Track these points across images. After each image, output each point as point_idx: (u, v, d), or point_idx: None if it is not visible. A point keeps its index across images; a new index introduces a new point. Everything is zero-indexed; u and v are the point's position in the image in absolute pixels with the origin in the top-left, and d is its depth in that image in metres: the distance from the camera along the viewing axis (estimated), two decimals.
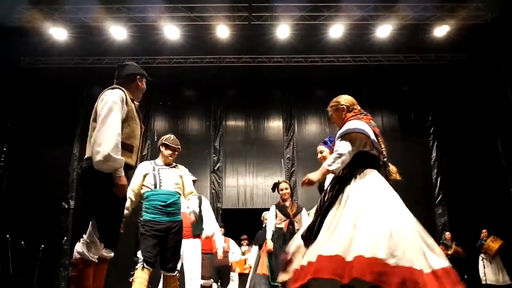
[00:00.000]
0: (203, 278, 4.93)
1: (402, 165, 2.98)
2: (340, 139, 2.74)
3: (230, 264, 7.34)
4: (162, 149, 4.06)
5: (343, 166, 2.69)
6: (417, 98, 11.48)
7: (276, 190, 5.56)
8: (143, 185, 3.96)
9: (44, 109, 11.13)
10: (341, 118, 2.95)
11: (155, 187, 3.92)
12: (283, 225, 5.14)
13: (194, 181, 4.52)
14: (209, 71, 11.20)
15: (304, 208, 5.40)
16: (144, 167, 4.02)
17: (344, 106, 2.95)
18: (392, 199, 2.65)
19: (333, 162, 2.65)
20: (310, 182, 2.66)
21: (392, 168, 2.89)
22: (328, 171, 2.66)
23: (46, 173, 10.73)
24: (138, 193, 3.95)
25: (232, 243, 7.75)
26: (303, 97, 11.78)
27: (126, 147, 2.70)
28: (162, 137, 4.16)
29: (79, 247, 2.59)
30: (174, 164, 4.10)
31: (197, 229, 4.82)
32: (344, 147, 2.67)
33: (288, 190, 5.29)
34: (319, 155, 3.92)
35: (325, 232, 2.56)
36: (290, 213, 5.18)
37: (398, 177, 2.84)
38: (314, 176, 2.66)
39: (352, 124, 2.79)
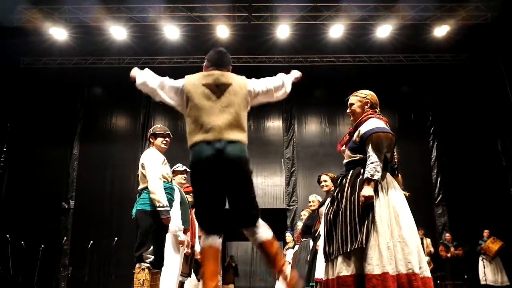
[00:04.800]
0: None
1: (402, 165, 2.98)
2: (369, 140, 2.68)
3: None
4: (153, 140, 3.85)
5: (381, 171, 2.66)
6: (417, 98, 11.48)
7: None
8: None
9: (44, 109, 11.14)
10: (361, 111, 2.91)
11: (170, 180, 3.79)
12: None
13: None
14: None
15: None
16: (159, 155, 3.76)
17: (369, 101, 2.92)
18: (407, 206, 2.69)
19: (375, 171, 2.60)
20: (368, 198, 2.56)
21: (400, 178, 2.88)
22: (376, 181, 2.60)
23: (46, 173, 10.75)
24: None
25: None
26: (303, 97, 11.77)
27: None
28: (149, 130, 4.00)
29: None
30: None
31: None
32: (375, 154, 2.64)
33: (328, 183, 4.52)
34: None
35: (384, 244, 2.50)
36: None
37: (404, 191, 2.82)
38: (369, 191, 2.56)
39: (378, 123, 2.75)
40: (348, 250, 2.51)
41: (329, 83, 11.37)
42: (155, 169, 3.60)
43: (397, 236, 2.51)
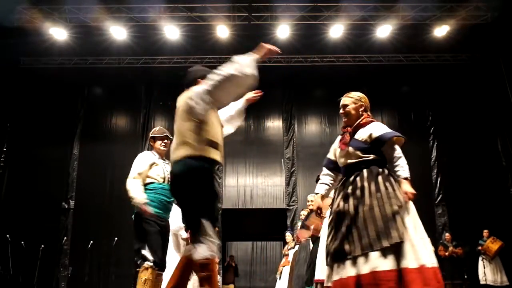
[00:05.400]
0: None
1: None
2: (392, 142, 2.82)
3: None
4: (152, 143, 3.99)
5: None
6: (417, 98, 11.48)
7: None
8: (148, 176, 3.78)
9: (44, 109, 11.15)
10: (357, 114, 2.97)
11: (164, 180, 3.80)
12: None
13: None
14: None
15: None
16: (150, 157, 3.89)
17: (363, 104, 3.00)
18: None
19: (407, 169, 2.75)
20: (414, 195, 2.69)
21: None
22: (409, 179, 2.75)
23: (46, 173, 10.75)
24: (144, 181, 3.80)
25: None
26: (303, 97, 11.79)
27: (212, 145, 2.70)
28: (149, 133, 4.12)
29: (204, 251, 2.52)
30: (167, 160, 3.95)
31: None
32: (403, 156, 2.80)
33: None
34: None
35: (416, 240, 2.61)
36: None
37: None
38: (411, 188, 2.69)
39: (386, 128, 2.89)
40: (388, 245, 2.54)
41: (329, 83, 11.36)
42: (132, 170, 3.77)
43: (420, 232, 2.64)
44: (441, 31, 10.21)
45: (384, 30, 10.18)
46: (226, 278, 11.10)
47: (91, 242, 8.99)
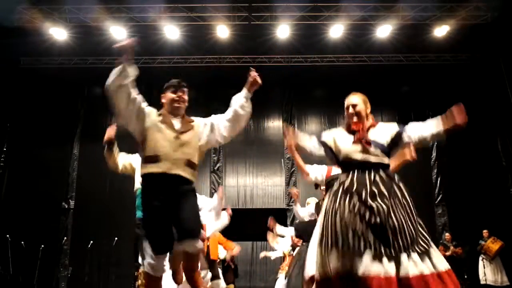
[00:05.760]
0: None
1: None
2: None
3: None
4: None
5: None
6: (417, 98, 11.48)
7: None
8: (135, 177, 3.91)
9: (44, 109, 11.15)
10: (365, 114, 2.95)
11: None
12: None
13: None
14: (209, 71, 11.20)
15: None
16: (136, 161, 4.00)
17: (369, 107, 3.01)
18: None
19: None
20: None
21: None
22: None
23: (46, 173, 10.74)
24: (125, 168, 4.03)
25: None
26: (303, 97, 11.79)
27: (149, 160, 2.78)
28: None
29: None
30: None
31: None
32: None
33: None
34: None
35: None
36: None
37: None
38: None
39: None
40: (427, 248, 2.59)
41: (329, 83, 11.36)
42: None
43: None
44: (441, 31, 10.20)
45: (384, 30, 10.17)
46: (226, 278, 11.08)
47: (91, 242, 8.99)
